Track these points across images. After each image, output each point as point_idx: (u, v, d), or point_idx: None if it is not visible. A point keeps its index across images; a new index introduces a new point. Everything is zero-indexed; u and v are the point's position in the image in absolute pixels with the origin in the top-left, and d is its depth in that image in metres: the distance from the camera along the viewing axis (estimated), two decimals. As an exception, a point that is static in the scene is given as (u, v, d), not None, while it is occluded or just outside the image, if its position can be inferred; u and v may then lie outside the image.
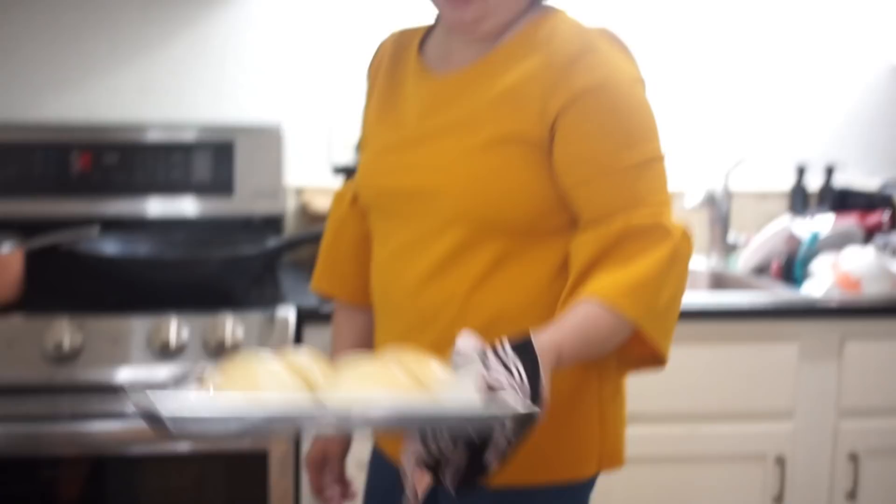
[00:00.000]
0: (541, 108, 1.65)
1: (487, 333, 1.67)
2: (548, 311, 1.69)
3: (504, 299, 1.71)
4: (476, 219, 1.68)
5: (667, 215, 1.67)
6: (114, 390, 2.56)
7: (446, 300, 1.72)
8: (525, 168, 1.66)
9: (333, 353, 2.03)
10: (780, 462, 2.89)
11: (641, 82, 1.72)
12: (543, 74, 1.66)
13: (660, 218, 1.65)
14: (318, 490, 2.02)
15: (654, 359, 1.72)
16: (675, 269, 1.65)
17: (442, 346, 1.70)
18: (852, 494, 2.95)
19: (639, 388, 2.74)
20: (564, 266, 1.70)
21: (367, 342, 2.01)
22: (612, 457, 1.79)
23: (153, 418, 1.32)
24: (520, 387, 1.43)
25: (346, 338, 2.02)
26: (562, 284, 1.68)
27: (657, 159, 1.70)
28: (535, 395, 1.44)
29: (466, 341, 1.50)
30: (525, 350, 1.47)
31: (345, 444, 2.02)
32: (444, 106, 1.74)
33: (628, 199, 1.65)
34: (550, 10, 1.76)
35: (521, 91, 1.67)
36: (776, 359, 2.89)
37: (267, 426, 1.43)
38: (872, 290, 3.01)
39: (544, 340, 1.51)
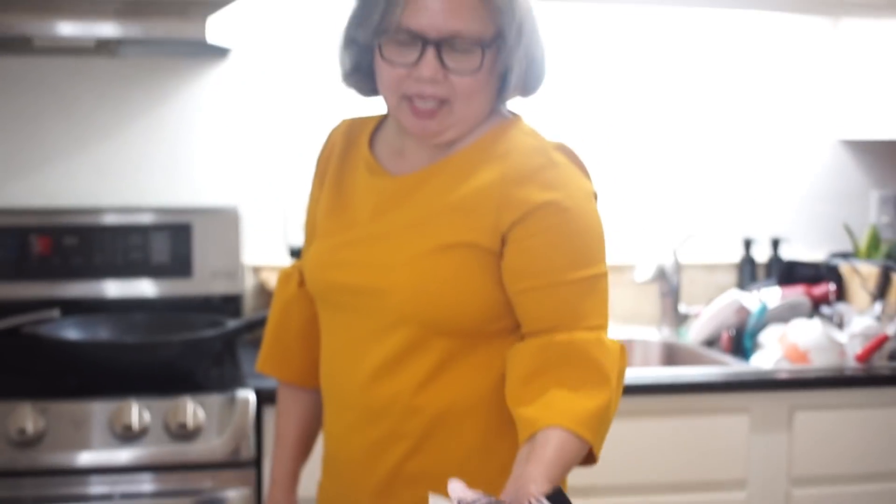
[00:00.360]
0: (494, 220, 1.69)
1: (433, 432, 1.73)
2: (492, 411, 1.75)
3: (449, 400, 1.75)
4: (424, 320, 1.72)
5: (606, 332, 1.72)
6: (76, 474, 2.58)
7: (393, 398, 1.76)
8: (475, 273, 1.71)
9: (279, 432, 2.06)
10: (735, 532, 2.95)
11: (594, 198, 1.77)
12: (499, 188, 1.70)
13: (601, 335, 1.69)
14: None
15: (590, 460, 1.75)
16: (619, 391, 1.71)
17: (391, 441, 1.76)
18: (805, 562, 3.02)
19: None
20: None
21: (313, 423, 2.05)
22: None
23: None
24: None
25: (293, 419, 2.05)
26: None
27: (601, 276, 1.73)
28: None
29: (460, 490, 1.49)
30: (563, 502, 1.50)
31: None
32: (396, 206, 1.77)
33: (571, 314, 1.69)
34: (509, 119, 1.81)
35: (476, 202, 1.71)
36: (728, 430, 2.94)
37: None
38: (820, 362, 3.08)
39: (537, 476, 1.56)
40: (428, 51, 1.69)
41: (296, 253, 3.17)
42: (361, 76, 1.82)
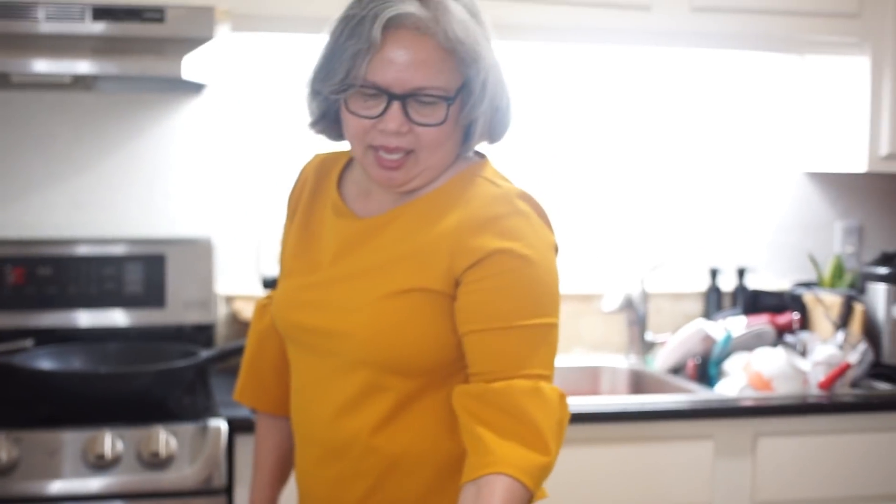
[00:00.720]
0: (448, 266, 1.72)
1: (391, 472, 1.77)
2: (448, 453, 1.78)
3: (406, 441, 1.78)
4: (380, 362, 1.75)
5: (547, 381, 1.72)
6: (49, 502, 2.62)
7: (352, 439, 1.79)
8: (429, 317, 1.73)
9: (257, 459, 2.10)
10: (699, 556, 3.00)
11: (552, 248, 1.78)
12: (455, 234, 1.72)
13: (539, 384, 1.69)
14: None
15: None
16: (559, 441, 1.72)
17: (352, 479, 1.80)
18: (769, 587, 3.06)
19: (561, 484, 2.83)
20: None
21: (289, 451, 2.08)
22: None
23: None
24: None
25: (270, 446, 2.09)
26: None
27: (551, 326, 1.74)
28: None
29: None
30: None
31: None
32: (357, 249, 1.80)
33: (514, 361, 1.70)
34: (475, 163, 1.83)
35: (432, 248, 1.73)
36: (693, 456, 3.00)
37: None
38: (783, 389, 3.14)
39: None
40: (393, 105, 1.71)
41: (269, 283, 3.21)
42: (328, 123, 1.85)
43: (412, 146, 1.74)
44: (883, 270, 3.52)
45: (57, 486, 2.63)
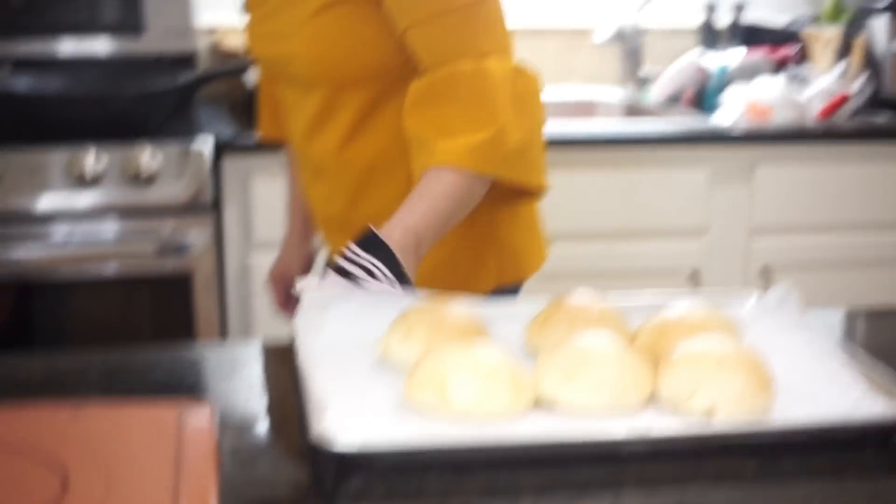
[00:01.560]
0: None
1: (367, 184, 1.77)
2: None
3: (374, 153, 1.75)
4: (328, 78, 1.71)
5: (499, 55, 1.64)
6: (34, 219, 2.58)
7: (325, 156, 1.78)
8: (359, 25, 1.67)
9: (290, 187, 2.12)
10: (695, 277, 2.97)
11: None
12: None
13: (483, 63, 1.61)
14: (282, 304, 2.10)
15: (530, 192, 1.70)
16: (521, 116, 1.63)
17: (334, 194, 1.82)
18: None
19: (558, 207, 2.79)
20: None
21: None
22: (515, 270, 1.83)
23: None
24: (388, 281, 1.46)
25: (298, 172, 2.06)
26: None
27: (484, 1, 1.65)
28: (403, 281, 1.47)
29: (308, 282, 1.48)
30: (375, 245, 1.49)
31: (307, 261, 2.10)
32: None
33: (458, 44, 1.62)
34: None
35: None
36: (689, 182, 2.95)
37: None
38: (781, 119, 3.08)
39: (397, 228, 1.53)
40: None
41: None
42: None
43: None
44: (884, 2, 3.42)
45: (44, 203, 2.58)
